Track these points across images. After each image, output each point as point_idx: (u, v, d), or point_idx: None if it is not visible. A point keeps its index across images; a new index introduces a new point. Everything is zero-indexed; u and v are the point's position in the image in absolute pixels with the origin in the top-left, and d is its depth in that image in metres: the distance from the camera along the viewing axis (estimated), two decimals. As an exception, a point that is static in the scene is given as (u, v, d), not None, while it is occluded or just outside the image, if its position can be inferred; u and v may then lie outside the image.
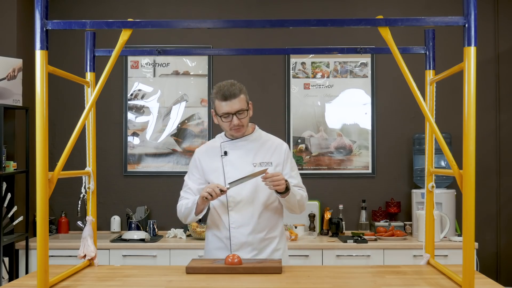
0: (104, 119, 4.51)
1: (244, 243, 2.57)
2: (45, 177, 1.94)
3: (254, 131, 2.69)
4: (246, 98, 2.58)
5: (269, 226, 2.61)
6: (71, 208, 4.52)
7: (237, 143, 2.64)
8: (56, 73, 2.16)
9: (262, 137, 2.70)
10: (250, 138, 2.65)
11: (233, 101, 2.51)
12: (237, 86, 2.55)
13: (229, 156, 2.62)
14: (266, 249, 2.61)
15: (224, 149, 2.64)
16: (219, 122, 2.59)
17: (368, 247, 4.02)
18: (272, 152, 2.64)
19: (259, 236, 2.58)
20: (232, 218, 2.58)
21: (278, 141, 2.71)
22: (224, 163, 2.61)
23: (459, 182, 1.96)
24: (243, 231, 2.57)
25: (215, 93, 2.55)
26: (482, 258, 4.46)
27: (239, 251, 2.56)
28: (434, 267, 2.40)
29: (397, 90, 4.62)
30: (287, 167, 2.65)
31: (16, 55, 4.23)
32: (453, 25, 1.99)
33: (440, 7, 4.65)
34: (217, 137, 2.72)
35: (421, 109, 2.15)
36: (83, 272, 2.38)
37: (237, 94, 2.52)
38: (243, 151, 2.62)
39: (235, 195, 2.57)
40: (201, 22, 2.19)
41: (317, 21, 2.08)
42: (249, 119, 2.63)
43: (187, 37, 4.70)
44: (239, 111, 2.53)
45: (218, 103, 2.54)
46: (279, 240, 2.65)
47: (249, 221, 2.57)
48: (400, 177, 4.68)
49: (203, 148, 2.73)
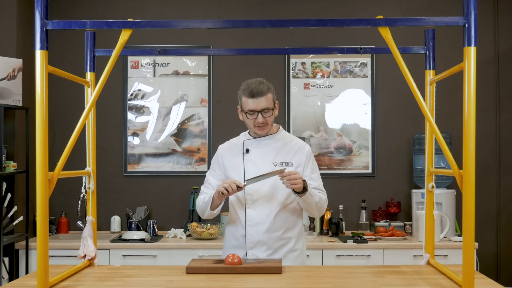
0: (104, 119, 4.51)
1: (259, 241, 2.56)
2: (45, 177, 1.94)
3: (278, 131, 2.69)
4: (273, 97, 2.59)
5: (286, 226, 2.60)
6: (71, 208, 4.52)
7: (260, 141, 2.65)
8: (56, 73, 2.15)
9: (286, 137, 2.70)
10: (273, 138, 2.66)
11: (260, 99, 2.52)
12: (265, 84, 2.56)
13: (251, 154, 2.62)
14: (282, 249, 2.59)
15: (246, 147, 2.64)
16: (244, 119, 2.60)
17: (368, 247, 4.02)
18: (294, 153, 2.64)
19: (275, 235, 2.57)
20: (249, 215, 2.58)
21: (301, 142, 2.71)
22: (245, 160, 2.62)
23: (459, 182, 1.96)
24: (259, 229, 2.56)
25: (243, 90, 2.56)
26: (482, 258, 4.46)
27: (254, 249, 2.56)
28: (434, 267, 2.40)
29: (397, 90, 4.62)
30: (308, 169, 2.64)
31: (16, 55, 4.23)
32: (453, 25, 1.99)
33: (440, 7, 4.65)
34: (241, 135, 2.74)
35: (421, 109, 2.15)
36: (83, 272, 2.38)
37: (264, 92, 2.53)
38: (265, 150, 2.63)
39: (253, 192, 2.57)
40: (201, 22, 2.19)
41: (317, 21, 2.08)
42: (274, 119, 2.63)
43: (187, 37, 4.70)
44: (265, 110, 2.54)
45: (244, 99, 2.55)
46: (295, 241, 2.63)
47: (265, 219, 2.56)
48: (400, 177, 4.68)
49: (226, 145, 2.74)
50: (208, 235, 4.15)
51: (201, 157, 4.67)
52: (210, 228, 4.18)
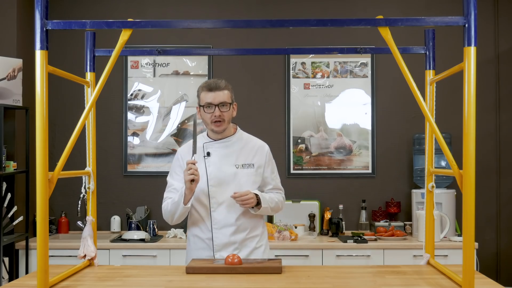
0: (104, 119, 4.51)
1: (226, 243, 2.61)
2: (45, 177, 1.94)
3: (236, 132, 2.71)
4: (231, 95, 2.63)
5: (250, 226, 2.66)
6: (71, 208, 4.52)
7: (219, 143, 2.66)
8: (56, 73, 2.15)
9: (244, 138, 2.72)
10: (232, 139, 2.68)
11: (218, 92, 2.57)
12: (223, 81, 2.62)
13: (212, 157, 2.64)
14: (248, 248, 2.65)
15: (207, 150, 2.65)
16: (202, 115, 2.62)
17: (368, 247, 4.02)
18: (254, 154, 2.68)
19: (241, 236, 2.63)
20: (215, 219, 2.61)
21: (260, 142, 2.75)
22: (207, 164, 2.63)
23: (459, 182, 1.96)
24: (226, 232, 2.61)
25: (201, 86, 2.63)
26: (482, 258, 4.46)
27: (222, 251, 2.60)
28: (434, 267, 2.40)
29: (397, 90, 4.62)
30: (268, 170, 2.71)
31: (16, 55, 4.23)
32: (453, 25, 1.99)
33: (440, 7, 4.65)
34: (199, 137, 2.71)
35: (421, 109, 2.15)
36: (83, 272, 2.38)
37: (222, 87, 2.59)
38: (226, 151, 2.65)
39: (217, 197, 2.60)
40: (201, 22, 2.19)
41: (317, 21, 2.08)
42: (231, 119, 2.65)
43: (187, 37, 4.70)
44: (222, 103, 2.57)
45: (203, 94, 2.60)
46: (259, 238, 2.70)
47: (231, 222, 2.61)
48: (400, 177, 4.68)
49: (186, 148, 2.72)
50: (208, 235, 4.14)
51: (201, 157, 4.66)
52: (210, 228, 4.17)
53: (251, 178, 2.63)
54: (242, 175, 2.62)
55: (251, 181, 2.62)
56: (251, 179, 2.63)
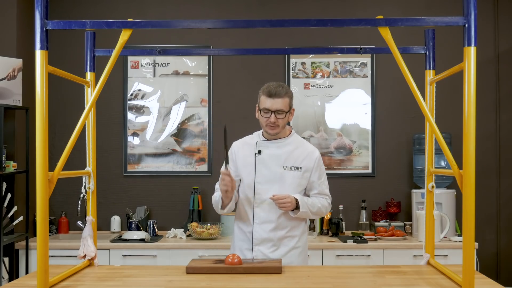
0: (104, 119, 4.51)
1: (265, 238, 2.69)
2: (45, 177, 1.94)
3: (291, 135, 2.79)
4: (289, 102, 2.68)
5: (291, 225, 2.72)
6: (71, 208, 4.52)
7: (272, 144, 2.73)
8: (56, 73, 2.16)
9: (297, 141, 2.79)
10: (285, 141, 2.75)
11: (276, 100, 2.63)
12: (284, 88, 2.68)
13: (262, 155, 2.72)
14: (286, 246, 2.71)
15: (258, 148, 2.73)
16: (259, 116, 2.72)
17: (368, 247, 4.02)
18: (303, 158, 2.73)
19: (280, 234, 2.70)
20: (257, 214, 2.71)
21: (311, 148, 2.80)
22: (257, 161, 2.71)
23: (459, 182, 1.96)
24: (265, 228, 2.69)
25: (263, 89, 2.69)
26: (482, 258, 4.46)
27: (260, 245, 2.69)
28: (434, 267, 2.40)
29: (397, 90, 4.62)
30: (315, 175, 2.76)
31: (16, 55, 4.23)
32: (453, 25, 1.99)
33: (440, 7, 4.65)
34: (255, 134, 2.82)
35: (421, 109, 2.15)
36: (83, 272, 2.38)
37: (281, 95, 2.64)
38: (276, 152, 2.72)
39: (262, 194, 2.68)
40: (201, 22, 2.19)
41: (317, 21, 2.09)
42: (286, 122, 2.72)
43: (187, 37, 4.70)
44: (279, 111, 2.64)
45: (263, 98, 2.67)
46: (298, 239, 2.75)
47: (272, 219, 2.68)
48: (400, 177, 4.68)
49: (240, 143, 2.84)
50: (208, 235, 4.15)
51: (201, 157, 4.67)
52: (210, 228, 4.18)
53: (296, 180, 2.70)
54: (288, 176, 2.69)
55: (296, 183, 2.70)
56: (296, 181, 2.70)
